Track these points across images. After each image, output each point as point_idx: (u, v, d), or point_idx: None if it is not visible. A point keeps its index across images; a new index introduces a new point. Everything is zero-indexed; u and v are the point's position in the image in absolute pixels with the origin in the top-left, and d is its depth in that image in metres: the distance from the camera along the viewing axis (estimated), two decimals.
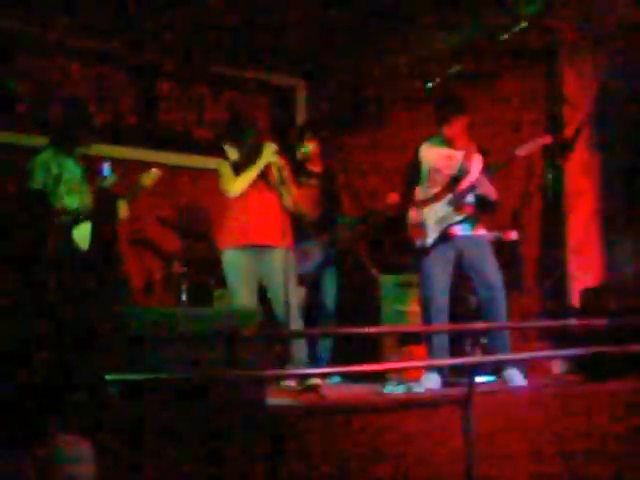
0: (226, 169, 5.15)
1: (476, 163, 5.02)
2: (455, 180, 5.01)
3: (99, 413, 2.84)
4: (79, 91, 6.97)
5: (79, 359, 3.51)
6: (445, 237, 4.98)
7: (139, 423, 2.86)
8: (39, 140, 5.71)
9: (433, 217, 5.02)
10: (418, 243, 5.06)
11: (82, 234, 5.11)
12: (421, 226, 5.03)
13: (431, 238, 5.00)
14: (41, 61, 6.86)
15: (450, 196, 4.99)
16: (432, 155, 5.11)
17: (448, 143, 5.08)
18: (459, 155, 5.05)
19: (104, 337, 3.23)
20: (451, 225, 4.99)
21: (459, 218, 4.98)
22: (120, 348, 3.33)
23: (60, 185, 5.09)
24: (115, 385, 3.37)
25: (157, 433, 2.83)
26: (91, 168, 5.38)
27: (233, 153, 5.23)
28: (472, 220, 5.04)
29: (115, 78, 7.26)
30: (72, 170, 5.17)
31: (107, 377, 3.31)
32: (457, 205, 4.98)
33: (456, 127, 5.04)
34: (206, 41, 7.19)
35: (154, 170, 5.42)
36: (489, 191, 4.97)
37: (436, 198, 5.03)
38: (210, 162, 7.46)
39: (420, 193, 5.11)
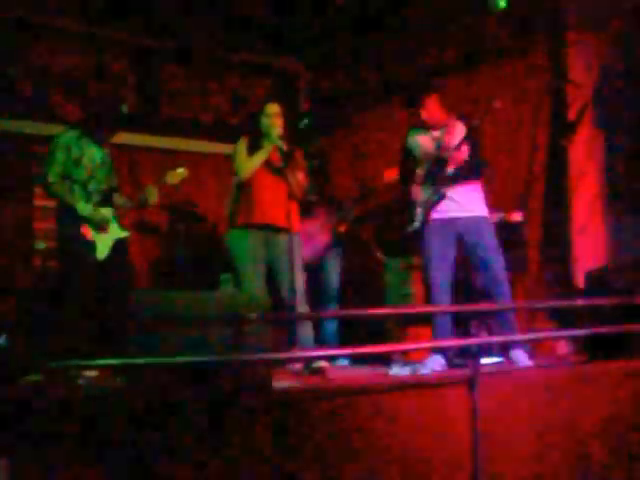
0: (242, 149, 5.17)
1: (459, 134, 4.97)
2: (436, 160, 4.98)
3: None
4: (80, 76, 6.98)
5: None
6: (427, 220, 4.97)
7: (143, 407, 2.87)
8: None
9: (419, 200, 5.03)
10: (408, 228, 5.06)
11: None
12: (412, 209, 5.04)
13: (418, 221, 5.01)
14: (42, 46, 6.85)
15: (431, 180, 4.98)
16: (420, 142, 5.11)
17: (431, 126, 5.06)
18: (441, 133, 5.03)
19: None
20: (433, 205, 4.98)
21: (437, 198, 4.97)
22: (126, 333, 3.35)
23: (79, 169, 5.09)
24: (121, 370, 3.39)
25: (161, 417, 2.84)
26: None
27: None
28: (463, 198, 5.00)
29: (116, 63, 7.25)
30: (93, 155, 5.17)
31: (112, 362, 3.33)
32: (436, 183, 4.96)
33: (430, 108, 5.03)
34: (210, 26, 7.19)
35: (181, 170, 5.40)
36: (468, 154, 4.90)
37: (419, 180, 5.03)
38: (212, 147, 7.51)
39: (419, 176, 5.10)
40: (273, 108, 5.20)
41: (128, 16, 6.89)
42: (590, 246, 6.17)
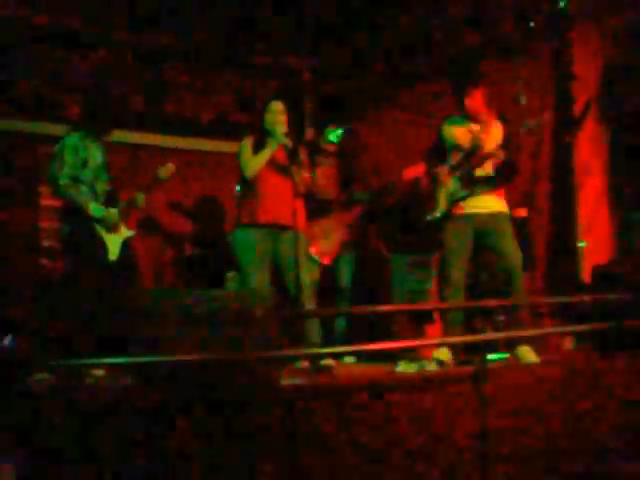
0: (247, 148, 5.18)
1: (495, 134, 4.97)
2: (468, 154, 4.97)
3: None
4: (88, 76, 6.99)
5: None
6: (451, 213, 4.97)
7: (150, 406, 2.87)
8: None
9: (444, 192, 5.01)
10: (428, 217, 5.05)
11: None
12: (433, 199, 5.03)
13: (439, 212, 5.00)
14: (47, 48, 6.86)
15: (460, 171, 4.97)
16: (454, 133, 5.08)
17: (470, 117, 5.04)
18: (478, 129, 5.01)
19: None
20: (458, 201, 4.97)
21: (465, 194, 4.96)
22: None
23: (86, 170, 5.10)
24: (129, 368, 3.40)
25: (170, 414, 2.85)
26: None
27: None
28: (487, 194, 5.01)
29: (122, 63, 7.25)
30: (96, 156, 5.17)
31: (120, 360, 3.34)
32: (466, 180, 4.95)
33: (476, 99, 5.01)
34: (213, 25, 7.20)
35: (170, 165, 5.39)
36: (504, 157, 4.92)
37: (449, 172, 5.02)
38: (218, 145, 7.51)
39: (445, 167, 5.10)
40: (277, 106, 5.20)
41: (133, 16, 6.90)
42: (596, 241, 6.16)
